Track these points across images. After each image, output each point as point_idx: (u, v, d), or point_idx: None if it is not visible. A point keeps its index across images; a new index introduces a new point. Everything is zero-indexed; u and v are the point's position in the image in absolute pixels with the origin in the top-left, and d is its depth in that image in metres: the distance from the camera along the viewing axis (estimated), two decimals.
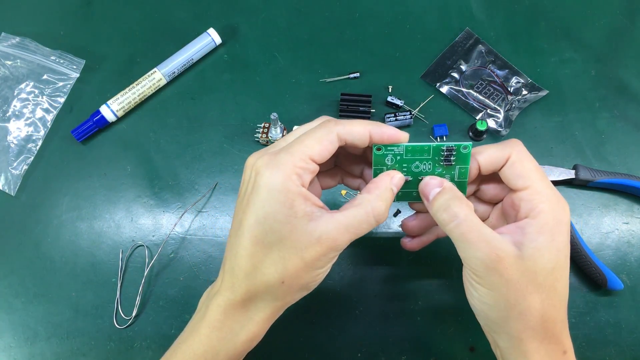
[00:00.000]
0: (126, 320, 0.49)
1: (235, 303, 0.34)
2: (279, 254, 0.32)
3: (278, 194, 0.32)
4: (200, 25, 0.57)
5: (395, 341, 0.48)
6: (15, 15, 0.60)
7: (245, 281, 0.33)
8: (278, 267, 0.33)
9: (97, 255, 0.51)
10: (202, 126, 0.55)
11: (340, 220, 0.33)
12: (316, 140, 0.33)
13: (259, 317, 0.35)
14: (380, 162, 0.38)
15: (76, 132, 0.54)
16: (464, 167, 0.38)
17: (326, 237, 0.32)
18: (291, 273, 0.33)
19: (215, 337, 0.34)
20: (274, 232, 0.32)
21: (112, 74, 0.57)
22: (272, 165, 0.32)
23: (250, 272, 0.33)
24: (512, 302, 0.32)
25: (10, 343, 0.49)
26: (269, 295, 0.34)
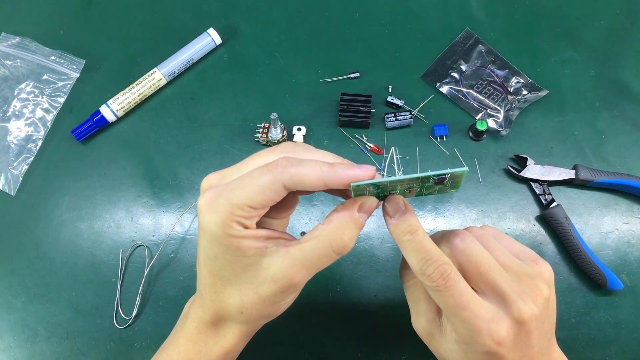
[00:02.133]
0: (126, 320, 0.49)
1: (206, 321, 0.35)
2: (235, 288, 0.32)
3: (219, 238, 0.31)
4: (200, 25, 0.57)
5: (395, 341, 0.48)
6: (15, 15, 0.60)
7: (211, 305, 0.34)
8: (235, 299, 0.32)
9: (97, 255, 0.51)
10: (202, 126, 0.55)
11: (296, 257, 0.31)
12: (258, 191, 0.30)
13: (229, 336, 0.35)
14: (359, 193, 0.33)
15: (76, 132, 0.54)
16: (457, 182, 0.33)
17: (281, 275, 0.31)
18: (248, 306, 0.32)
19: (192, 350, 0.35)
20: (226, 269, 0.32)
21: (112, 74, 0.57)
22: (211, 209, 0.31)
23: (214, 299, 0.33)
24: None
25: (10, 343, 0.49)
26: (232, 322, 0.34)
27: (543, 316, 0.31)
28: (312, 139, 0.54)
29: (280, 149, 0.33)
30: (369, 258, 0.51)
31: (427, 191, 0.34)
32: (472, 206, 0.52)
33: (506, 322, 0.30)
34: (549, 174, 0.52)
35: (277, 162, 0.31)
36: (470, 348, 0.31)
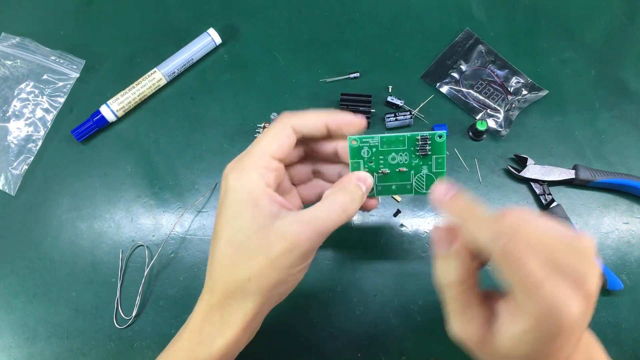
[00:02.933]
0: (126, 320, 0.49)
1: (213, 306, 0.35)
2: (246, 252, 0.33)
3: (242, 194, 0.33)
4: (200, 25, 0.57)
5: (395, 341, 0.48)
6: (15, 15, 0.60)
7: (220, 281, 0.34)
8: (245, 264, 0.33)
9: (97, 255, 0.51)
10: (202, 126, 0.55)
11: (304, 215, 0.33)
12: (272, 137, 0.35)
13: (234, 321, 0.34)
14: (356, 155, 0.38)
15: (76, 132, 0.54)
16: (441, 157, 0.38)
17: (290, 232, 0.32)
18: (257, 271, 0.33)
19: (194, 342, 0.35)
20: (242, 231, 0.33)
21: (112, 74, 0.57)
22: (235, 168, 0.34)
23: (223, 273, 0.34)
24: None
25: (10, 343, 0.49)
26: (239, 296, 0.34)
27: None
28: None
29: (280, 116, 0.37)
30: (369, 258, 0.51)
31: (417, 180, 0.39)
32: None
33: (579, 298, 0.29)
34: (549, 174, 0.52)
35: (281, 114, 0.36)
36: (541, 332, 0.29)
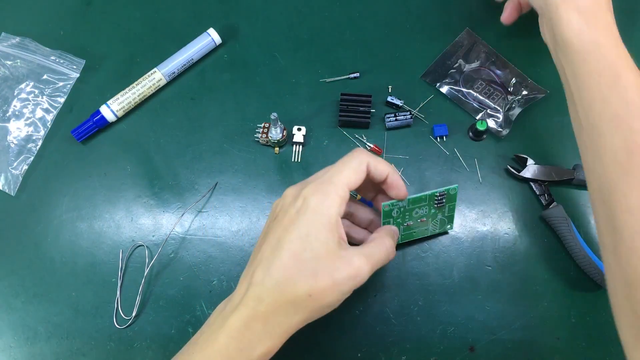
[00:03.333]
0: (126, 320, 0.49)
1: (258, 315, 0.35)
2: (312, 270, 0.35)
3: (323, 217, 0.36)
4: (200, 25, 0.57)
5: (395, 341, 0.48)
6: (15, 15, 0.60)
7: (275, 292, 0.35)
8: (309, 281, 0.35)
9: (97, 255, 0.51)
10: (202, 126, 0.55)
11: (364, 252, 0.38)
12: (353, 171, 0.38)
13: (277, 332, 0.36)
14: (387, 215, 0.45)
15: (76, 132, 0.54)
16: (452, 204, 0.48)
17: (356, 262, 0.36)
18: (319, 289, 0.35)
19: (233, 348, 0.35)
20: (312, 250, 0.35)
21: (112, 74, 0.57)
22: (319, 192, 0.37)
23: (281, 283, 0.35)
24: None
25: (10, 343, 0.49)
26: (292, 309, 0.35)
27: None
28: (312, 139, 0.54)
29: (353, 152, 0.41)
30: None
31: (433, 224, 0.48)
32: (472, 206, 0.52)
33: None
34: (549, 174, 0.52)
35: (356, 150, 0.40)
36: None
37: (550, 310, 0.49)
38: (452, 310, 0.49)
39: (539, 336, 0.48)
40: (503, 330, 0.49)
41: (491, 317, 0.49)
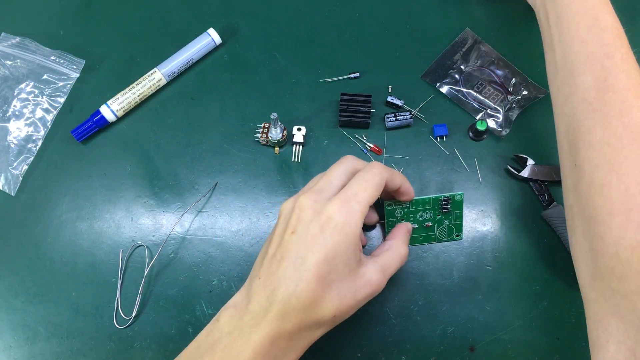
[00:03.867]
0: (126, 320, 0.49)
1: (283, 333, 0.35)
2: (337, 292, 0.36)
3: (348, 237, 0.36)
4: (200, 25, 0.57)
5: (395, 341, 0.48)
6: (15, 15, 0.60)
7: (301, 314, 0.35)
8: (334, 303, 0.36)
9: (97, 255, 0.51)
10: (202, 126, 0.55)
11: (380, 264, 0.39)
12: (375, 190, 0.38)
13: (301, 346, 0.37)
14: (391, 214, 0.47)
15: (76, 132, 0.54)
16: (459, 212, 0.48)
17: (374, 279, 0.38)
18: (343, 310, 0.37)
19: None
20: (337, 272, 0.36)
21: (112, 74, 0.57)
22: (346, 211, 0.36)
23: (308, 306, 0.35)
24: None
25: (10, 343, 0.49)
26: (316, 327, 0.37)
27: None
28: (312, 139, 0.54)
29: (370, 165, 0.40)
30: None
31: (440, 231, 0.49)
32: (472, 206, 0.52)
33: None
34: (549, 174, 0.52)
35: (373, 164, 0.40)
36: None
37: (550, 310, 0.49)
38: (452, 310, 0.49)
39: (539, 336, 0.48)
40: (503, 330, 0.49)
41: (491, 317, 0.49)
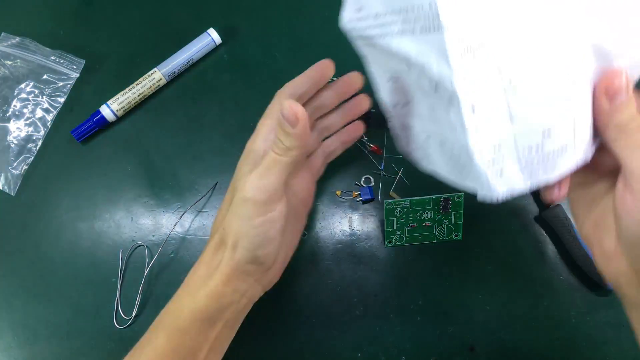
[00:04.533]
0: (126, 320, 0.49)
1: (205, 254, 0.39)
2: (231, 198, 0.38)
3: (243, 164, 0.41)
4: (200, 25, 0.57)
5: (395, 341, 0.48)
6: (15, 15, 0.60)
7: (215, 223, 0.41)
8: (223, 212, 0.39)
9: (97, 255, 0.51)
10: (202, 126, 0.55)
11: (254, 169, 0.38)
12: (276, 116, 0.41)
13: (216, 272, 0.37)
14: (390, 214, 0.48)
15: (76, 132, 0.54)
16: (459, 212, 0.48)
17: (240, 185, 0.37)
18: (227, 218, 0.37)
19: (183, 292, 0.39)
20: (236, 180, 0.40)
21: (112, 74, 0.57)
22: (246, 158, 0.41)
23: (217, 224, 0.40)
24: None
25: (10, 343, 0.49)
26: (222, 244, 0.38)
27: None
28: None
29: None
30: (369, 258, 0.51)
31: (439, 231, 0.49)
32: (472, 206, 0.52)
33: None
34: None
35: (276, 94, 0.43)
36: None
37: (550, 310, 0.49)
38: (452, 310, 0.49)
39: (539, 336, 0.48)
40: (503, 330, 0.49)
41: (491, 317, 0.49)
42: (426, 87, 0.33)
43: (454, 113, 0.31)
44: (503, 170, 0.32)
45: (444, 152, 0.35)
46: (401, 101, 0.37)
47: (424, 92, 0.34)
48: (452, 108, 0.31)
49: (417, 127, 0.37)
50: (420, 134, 0.37)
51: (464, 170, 0.34)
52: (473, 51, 0.30)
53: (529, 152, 0.32)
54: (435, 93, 0.32)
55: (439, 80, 0.31)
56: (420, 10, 0.30)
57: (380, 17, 0.33)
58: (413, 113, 0.36)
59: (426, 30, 0.30)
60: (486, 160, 0.32)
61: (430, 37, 0.30)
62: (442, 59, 0.30)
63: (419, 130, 0.37)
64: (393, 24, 0.32)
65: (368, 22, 0.34)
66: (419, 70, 0.32)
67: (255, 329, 0.47)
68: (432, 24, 0.30)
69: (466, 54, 0.30)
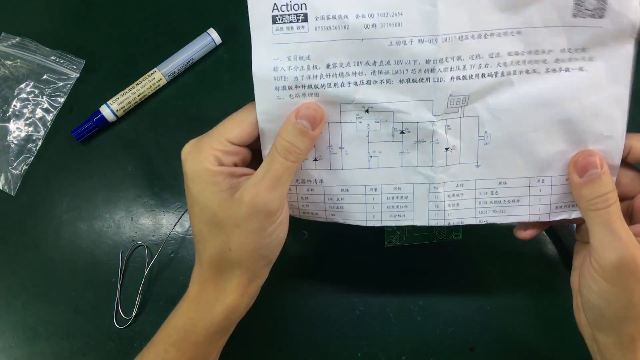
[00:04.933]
0: (126, 320, 0.49)
1: (205, 277, 0.36)
2: (216, 225, 0.34)
3: (200, 174, 0.34)
4: (200, 25, 0.57)
5: (395, 341, 0.48)
6: (15, 15, 0.60)
7: (204, 254, 0.36)
8: (221, 236, 0.34)
9: (97, 255, 0.51)
10: (202, 126, 0.55)
11: (254, 177, 0.34)
12: (235, 124, 0.36)
13: (230, 288, 0.36)
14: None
15: (76, 132, 0.54)
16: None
17: (245, 197, 0.33)
18: (232, 239, 0.34)
19: (193, 310, 0.37)
20: (206, 208, 0.34)
21: (112, 74, 0.57)
22: (192, 152, 0.36)
23: (205, 246, 0.36)
24: (635, 300, 0.32)
25: (10, 343, 0.49)
26: (229, 265, 0.35)
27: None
28: None
29: None
30: (369, 258, 0.51)
31: (439, 230, 0.50)
32: None
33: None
34: None
35: (249, 103, 0.37)
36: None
37: (550, 310, 0.49)
38: (452, 310, 0.49)
39: (539, 336, 0.48)
40: (503, 330, 0.49)
41: (491, 317, 0.49)
42: (381, 133, 0.36)
43: (421, 153, 0.36)
44: (460, 204, 0.38)
45: (373, 198, 0.39)
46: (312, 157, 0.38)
47: (361, 140, 0.37)
48: (416, 150, 0.36)
49: (329, 181, 0.39)
50: (334, 188, 0.39)
51: (406, 210, 0.38)
52: (460, 102, 0.35)
53: (484, 193, 0.38)
54: (392, 140, 0.36)
55: (411, 125, 0.35)
56: (408, 64, 0.34)
57: (337, 67, 0.34)
58: (328, 166, 0.38)
59: (411, 80, 0.34)
60: (448, 192, 0.37)
61: (414, 86, 0.34)
62: (425, 106, 0.35)
63: (331, 183, 0.39)
64: (358, 75, 0.35)
65: (312, 72, 0.34)
66: (381, 117, 0.36)
67: (255, 329, 0.47)
68: (422, 76, 0.34)
69: (451, 104, 0.35)
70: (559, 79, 0.35)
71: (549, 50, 0.34)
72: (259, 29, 0.35)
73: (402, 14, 0.32)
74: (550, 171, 0.37)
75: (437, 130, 0.35)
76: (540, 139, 0.36)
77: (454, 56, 0.33)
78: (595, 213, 0.33)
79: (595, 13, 0.33)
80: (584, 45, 0.34)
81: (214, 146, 0.35)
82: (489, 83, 0.35)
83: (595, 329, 0.35)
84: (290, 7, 0.34)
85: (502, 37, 0.34)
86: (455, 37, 0.33)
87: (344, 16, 0.33)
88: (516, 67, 0.34)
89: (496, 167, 0.37)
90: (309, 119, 0.34)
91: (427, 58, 0.33)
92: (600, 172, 0.33)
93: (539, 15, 0.33)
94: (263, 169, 0.34)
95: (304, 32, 0.34)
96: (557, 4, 0.33)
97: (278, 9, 0.34)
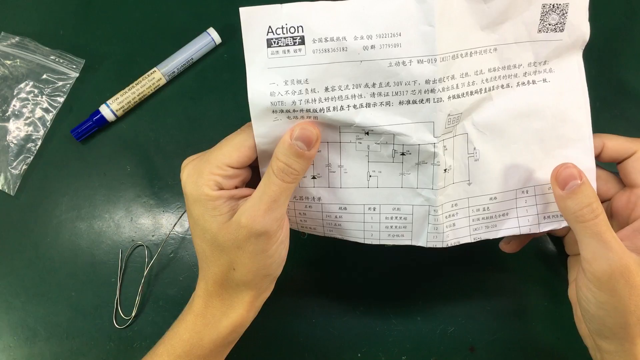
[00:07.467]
0: (126, 320, 0.49)
1: (211, 292, 0.36)
2: (218, 246, 0.35)
3: (200, 198, 0.34)
4: (200, 25, 0.57)
5: (395, 341, 0.48)
6: (15, 15, 0.60)
7: (209, 273, 0.36)
8: (223, 257, 0.35)
9: (96, 255, 0.51)
10: (202, 126, 0.55)
11: (251, 200, 0.34)
12: (234, 148, 0.35)
13: (236, 303, 0.36)
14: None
15: (76, 132, 0.54)
16: None
17: (244, 220, 0.33)
18: (236, 260, 0.35)
19: (199, 324, 0.36)
20: (207, 230, 0.35)
21: (112, 73, 0.57)
22: (193, 174, 0.35)
23: (209, 265, 0.36)
24: (632, 308, 0.32)
25: (9, 343, 0.49)
26: (233, 283, 0.36)
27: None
28: None
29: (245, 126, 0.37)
30: (369, 258, 0.51)
31: None
32: None
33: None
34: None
35: (247, 124, 0.36)
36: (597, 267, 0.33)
37: (550, 310, 0.49)
38: (452, 310, 0.49)
39: (539, 336, 0.48)
40: (503, 330, 0.49)
41: (491, 317, 0.49)
42: (381, 154, 0.36)
43: (422, 175, 0.36)
44: (455, 223, 0.38)
45: (370, 217, 0.39)
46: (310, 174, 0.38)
47: (361, 159, 0.37)
48: (416, 172, 0.36)
49: (327, 199, 0.39)
50: (331, 205, 0.39)
51: (405, 230, 0.39)
52: (454, 121, 0.35)
53: (476, 210, 0.38)
54: (392, 161, 0.36)
55: (412, 147, 0.35)
56: (408, 85, 0.33)
57: (336, 90, 0.34)
58: (327, 184, 0.38)
59: (411, 102, 0.34)
60: (446, 213, 0.37)
61: (414, 107, 0.34)
62: (426, 127, 0.35)
63: (330, 201, 0.39)
64: (357, 97, 0.34)
65: (310, 96, 0.34)
66: (382, 139, 0.35)
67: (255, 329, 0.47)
68: (422, 97, 0.34)
69: (449, 124, 0.35)
70: (528, 91, 0.36)
71: (519, 64, 0.35)
72: (253, 52, 0.35)
73: (400, 35, 0.32)
74: (532, 181, 0.37)
75: (438, 152, 0.35)
76: (520, 150, 0.36)
77: (449, 75, 0.33)
78: (583, 225, 0.33)
79: (557, 27, 0.35)
80: (546, 58, 0.36)
81: (214, 171, 0.35)
82: (475, 100, 0.35)
83: (598, 337, 0.36)
84: (287, 29, 0.33)
85: (483, 54, 0.34)
86: (449, 56, 0.33)
87: (342, 38, 0.32)
88: (494, 83, 0.35)
89: (486, 183, 0.37)
90: (304, 140, 0.34)
91: (427, 78, 0.33)
92: (580, 183, 0.33)
93: (511, 31, 0.34)
94: (260, 190, 0.34)
95: (301, 56, 0.33)
96: (526, 20, 0.34)
97: (273, 32, 0.33)
